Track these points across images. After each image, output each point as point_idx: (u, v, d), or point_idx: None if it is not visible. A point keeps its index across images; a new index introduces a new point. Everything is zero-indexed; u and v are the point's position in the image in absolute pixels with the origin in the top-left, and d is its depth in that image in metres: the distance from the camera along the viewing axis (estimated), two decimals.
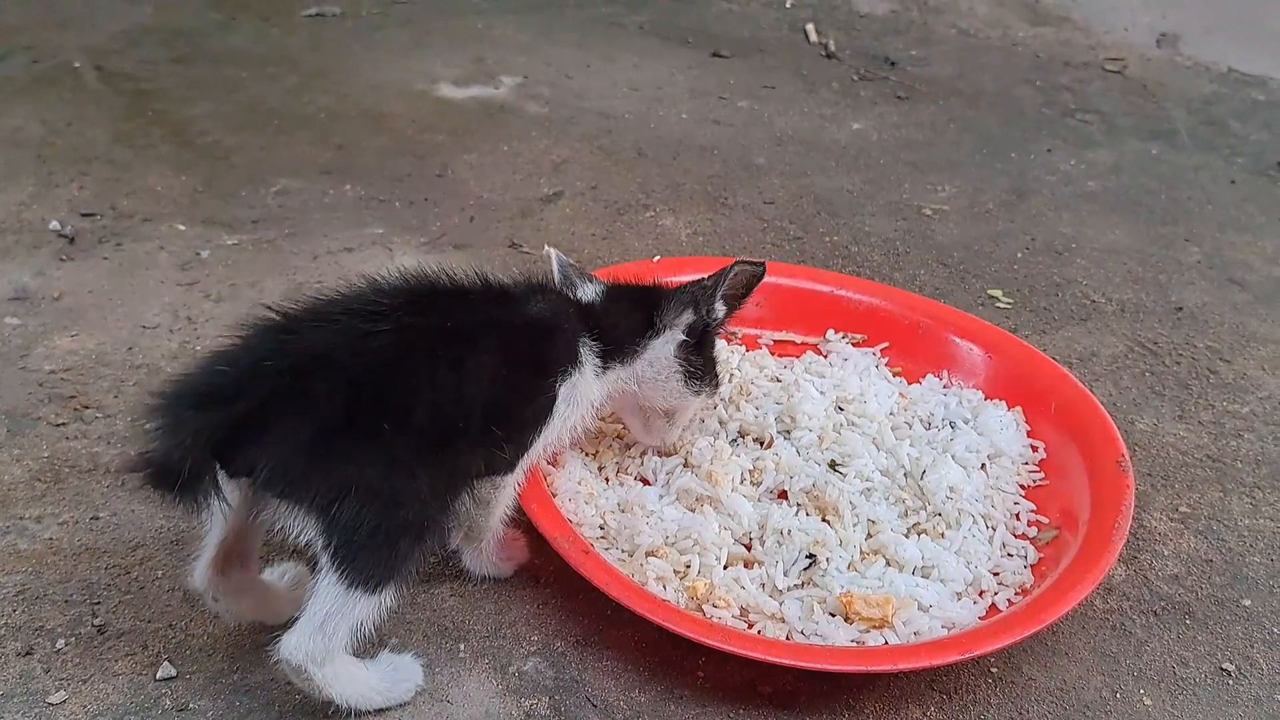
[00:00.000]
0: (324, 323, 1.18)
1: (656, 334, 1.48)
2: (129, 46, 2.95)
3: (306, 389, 1.12)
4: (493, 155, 2.58)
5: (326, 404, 1.12)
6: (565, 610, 1.42)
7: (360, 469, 1.13)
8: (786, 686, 1.34)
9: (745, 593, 1.41)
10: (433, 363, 1.19)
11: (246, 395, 1.10)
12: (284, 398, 1.11)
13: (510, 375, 1.27)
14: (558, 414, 1.36)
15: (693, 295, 1.50)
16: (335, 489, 1.12)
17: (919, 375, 1.84)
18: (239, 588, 1.28)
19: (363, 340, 1.16)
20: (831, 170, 2.69)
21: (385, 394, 1.16)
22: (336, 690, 1.20)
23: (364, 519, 1.13)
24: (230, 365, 1.14)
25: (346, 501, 1.12)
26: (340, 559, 1.14)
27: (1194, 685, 1.39)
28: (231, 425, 1.09)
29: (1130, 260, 2.38)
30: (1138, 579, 1.55)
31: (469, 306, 1.29)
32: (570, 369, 1.36)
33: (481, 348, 1.24)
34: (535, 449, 1.36)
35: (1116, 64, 3.53)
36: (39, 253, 2.04)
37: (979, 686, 1.37)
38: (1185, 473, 1.76)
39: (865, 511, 1.53)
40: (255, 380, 1.11)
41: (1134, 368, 2.02)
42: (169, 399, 1.12)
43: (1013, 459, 1.67)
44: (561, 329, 1.37)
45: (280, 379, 1.11)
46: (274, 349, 1.15)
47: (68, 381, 1.72)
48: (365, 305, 1.21)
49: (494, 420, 1.25)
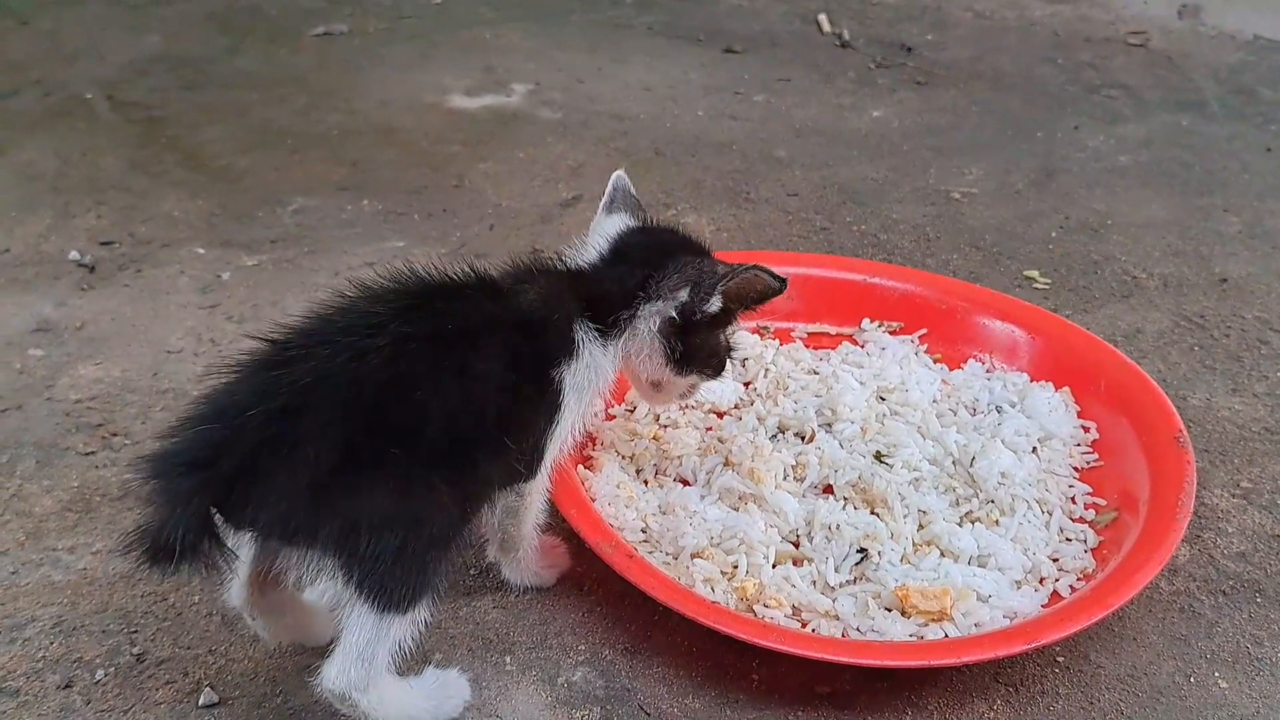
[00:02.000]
0: (315, 347, 1.11)
1: (647, 302, 1.33)
2: (138, 76, 2.94)
3: (298, 430, 1.05)
4: (508, 163, 2.55)
5: (323, 441, 1.05)
6: (611, 617, 1.38)
7: (372, 498, 1.08)
8: (845, 686, 1.29)
9: (796, 591, 1.36)
10: (435, 374, 1.13)
11: (234, 450, 1.04)
12: (274, 445, 1.05)
13: (510, 378, 1.20)
14: (568, 407, 1.28)
15: (696, 274, 1.34)
16: (347, 525, 1.07)
17: (960, 361, 1.79)
18: (277, 607, 1.24)
19: (359, 361, 1.09)
20: (854, 159, 2.65)
21: (388, 414, 1.10)
22: (383, 714, 1.16)
23: (385, 546, 1.08)
24: (216, 418, 1.08)
25: (361, 534, 1.07)
26: (367, 588, 1.09)
27: (1271, 665, 1.34)
28: (222, 486, 1.04)
29: (1169, 234, 2.32)
30: (1202, 558, 1.50)
31: (463, 306, 1.22)
32: (568, 359, 1.27)
33: (480, 352, 1.17)
34: (553, 449, 1.30)
35: (1139, 37, 3.47)
36: (59, 283, 2.02)
37: (1046, 677, 1.31)
38: (1243, 447, 1.70)
39: (915, 502, 1.48)
40: (242, 432, 1.05)
41: (1181, 342, 1.96)
42: (155, 466, 1.06)
43: (1064, 441, 1.62)
44: (553, 318, 1.27)
45: (268, 425, 1.05)
46: (261, 390, 1.08)
47: (94, 410, 1.69)
48: (359, 320, 1.14)
49: (504, 428, 1.19)
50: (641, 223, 1.41)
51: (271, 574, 1.17)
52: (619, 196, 1.44)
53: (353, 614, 1.11)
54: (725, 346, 1.42)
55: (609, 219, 1.42)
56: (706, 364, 1.41)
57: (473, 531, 1.26)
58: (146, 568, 1.04)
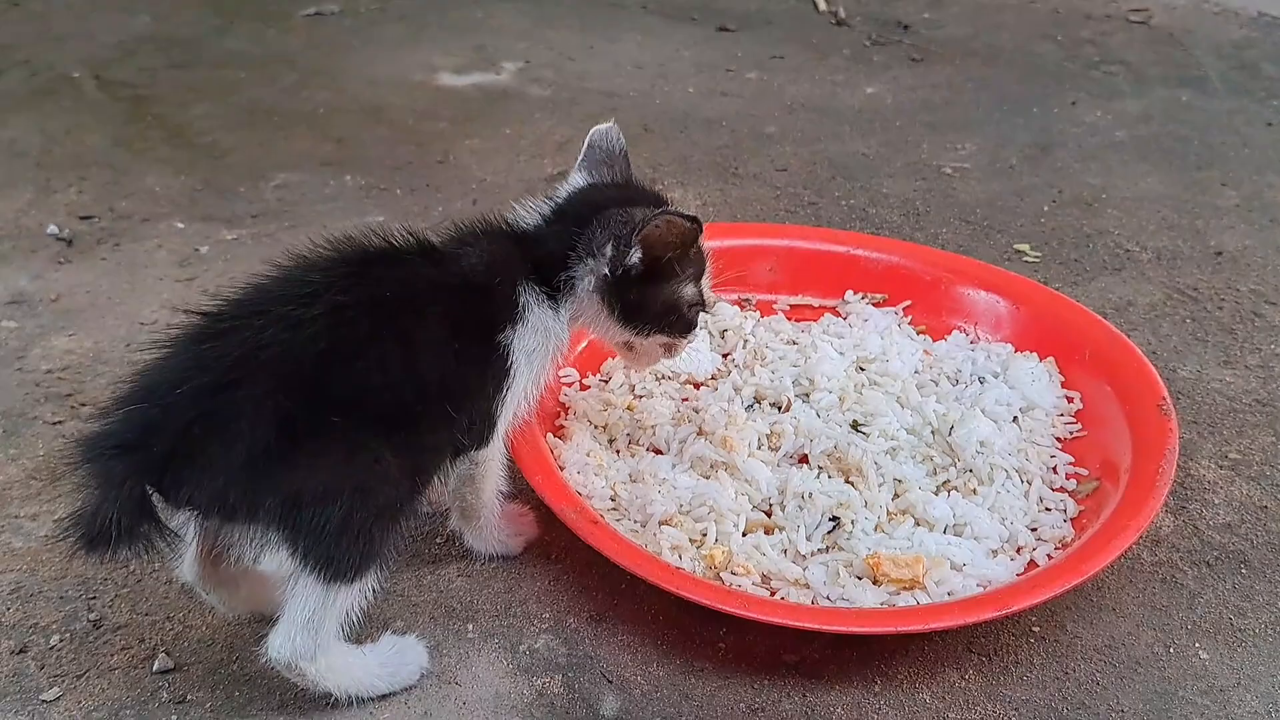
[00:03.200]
0: (248, 318, 1.08)
1: (580, 261, 1.27)
2: (127, 56, 2.92)
3: (232, 404, 1.02)
4: (495, 139, 2.53)
5: (258, 414, 1.02)
6: (578, 586, 1.35)
7: (313, 469, 1.05)
8: (813, 655, 1.26)
9: (766, 559, 1.34)
10: (373, 342, 1.10)
11: (166, 429, 1.01)
12: (208, 421, 1.02)
13: (454, 345, 1.16)
14: (518, 373, 1.24)
15: (618, 227, 1.26)
16: (288, 498, 1.04)
17: (944, 332, 1.76)
18: (230, 580, 1.21)
19: (294, 331, 1.06)
20: (845, 135, 2.61)
21: (326, 385, 1.07)
22: (333, 682, 1.14)
23: (329, 518, 1.05)
24: (147, 397, 1.05)
25: (304, 507, 1.05)
26: (312, 560, 1.07)
27: (1254, 636, 1.30)
28: (156, 466, 1.01)
29: (1164, 207, 2.28)
30: (1187, 529, 1.46)
31: (402, 272, 1.18)
32: (515, 323, 1.23)
33: (421, 318, 1.14)
34: (505, 416, 1.26)
35: (1140, 15, 3.41)
36: (36, 256, 2.00)
37: (1020, 647, 1.28)
38: (1234, 419, 1.67)
39: (891, 471, 1.45)
40: (174, 410, 1.02)
41: (1173, 315, 1.92)
42: (86, 449, 1.04)
43: (1047, 411, 1.59)
44: (495, 282, 1.22)
45: (200, 402, 1.02)
46: (192, 365, 1.05)
47: (65, 380, 1.67)
48: (294, 289, 1.11)
49: (449, 398, 1.16)
50: (603, 179, 1.36)
51: (218, 549, 1.15)
52: (594, 154, 1.39)
53: (298, 584, 1.09)
54: (687, 302, 1.35)
55: (575, 177, 1.38)
56: (665, 321, 1.34)
57: (423, 501, 1.23)
58: (84, 553, 1.02)
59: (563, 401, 1.61)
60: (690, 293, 1.35)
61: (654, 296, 1.31)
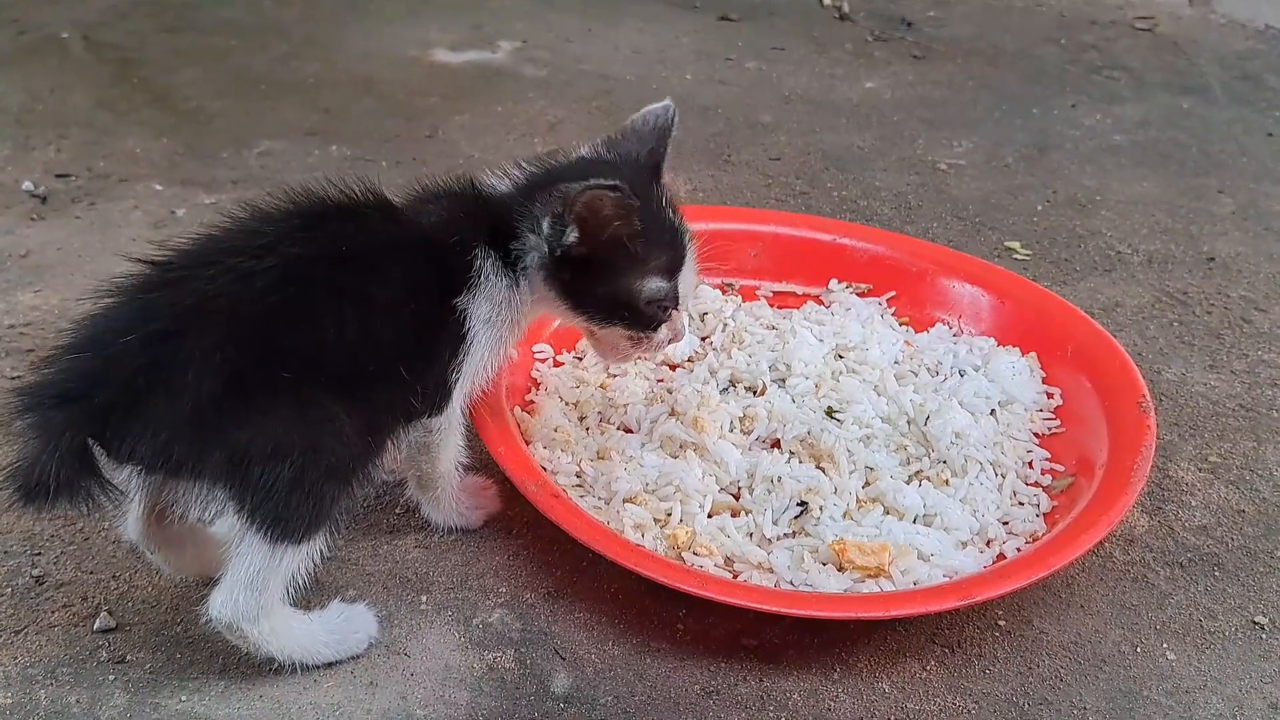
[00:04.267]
0: (199, 268, 1.05)
1: (527, 234, 1.21)
2: (118, 18, 2.89)
3: (178, 355, 0.99)
4: (486, 117, 2.49)
5: (205, 366, 0.99)
6: (537, 562, 1.33)
7: (262, 425, 1.02)
8: (774, 639, 1.23)
9: (730, 541, 1.31)
10: (325, 297, 1.07)
11: (109, 379, 0.98)
12: (152, 372, 0.99)
13: (409, 305, 1.13)
14: (476, 339, 1.19)
15: (557, 203, 1.18)
16: (235, 454, 1.01)
17: (928, 324, 1.73)
18: (175, 540, 1.18)
19: (245, 283, 1.03)
20: (842, 128, 2.58)
21: (277, 339, 1.04)
22: (276, 646, 1.12)
23: (278, 475, 1.02)
24: (90, 346, 1.02)
25: (252, 464, 1.01)
26: (259, 517, 1.04)
27: (1223, 639, 1.27)
28: (97, 418, 0.98)
29: (1158, 211, 2.25)
30: (1162, 530, 1.43)
31: (359, 227, 1.15)
32: (470, 289, 1.18)
33: (376, 276, 1.11)
34: (462, 384, 1.22)
35: (1146, 22, 3.38)
36: (9, 212, 1.97)
37: (985, 640, 1.25)
38: (1216, 422, 1.64)
39: (863, 459, 1.43)
40: (118, 360, 0.99)
41: (1161, 318, 1.89)
42: (26, 399, 1.00)
43: (1025, 406, 1.56)
44: (450, 241, 1.18)
45: (145, 351, 0.99)
46: (139, 315, 1.02)
47: (26, 336, 1.64)
48: (246, 241, 1.08)
49: (403, 359, 1.12)
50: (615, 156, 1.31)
51: (163, 506, 1.11)
52: (627, 130, 1.35)
53: (243, 542, 1.06)
54: (646, 296, 1.25)
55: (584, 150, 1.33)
56: (618, 313, 1.25)
57: (379, 466, 1.19)
58: (20, 506, 0.99)
59: (534, 377, 1.58)
60: (654, 287, 1.25)
61: (603, 282, 1.23)
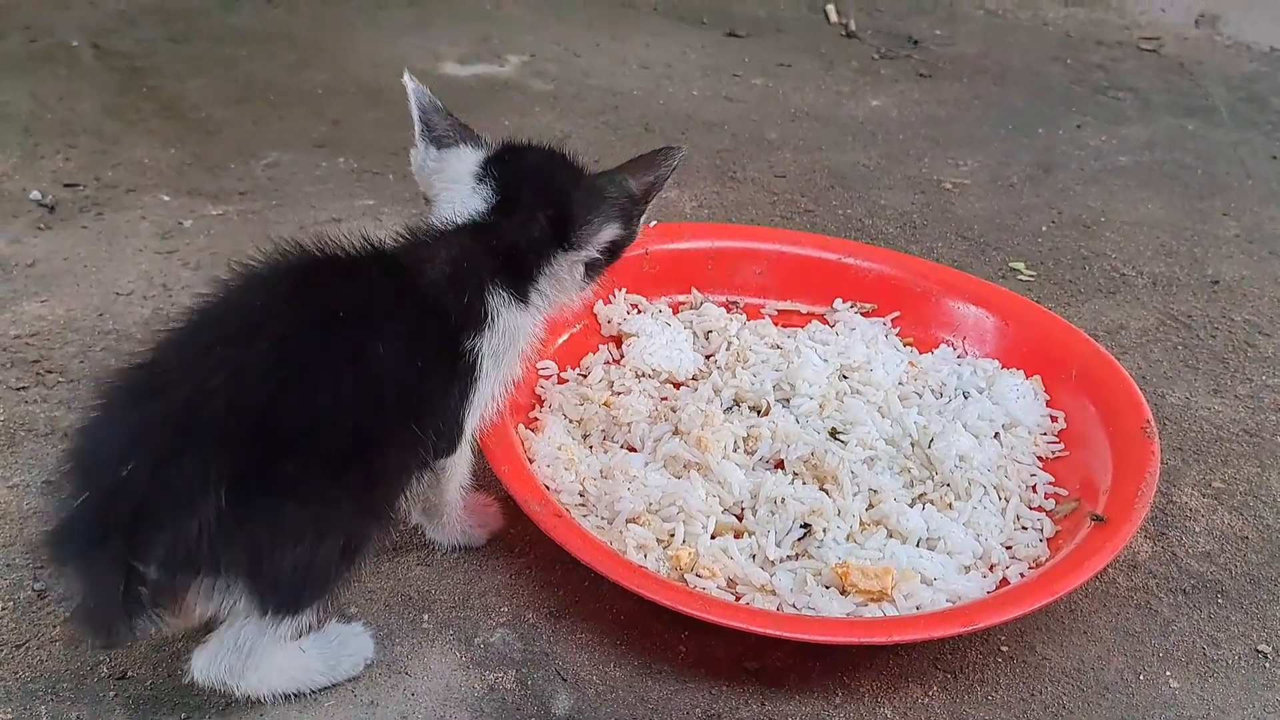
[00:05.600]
0: (189, 365, 1.00)
1: (566, 251, 1.21)
2: (127, 26, 2.89)
3: (180, 479, 0.95)
4: (493, 130, 2.39)
5: (205, 485, 0.95)
6: (540, 581, 1.32)
7: (269, 524, 0.99)
8: (776, 663, 1.23)
9: (733, 563, 1.31)
10: (327, 373, 1.02)
11: (123, 511, 0.95)
12: (160, 497, 0.95)
13: (416, 362, 1.09)
14: (485, 376, 1.17)
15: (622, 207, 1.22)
16: (249, 554, 0.99)
17: (932, 345, 1.73)
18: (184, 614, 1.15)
19: (238, 377, 0.98)
20: (847, 145, 2.58)
21: (279, 431, 0.99)
22: (268, 689, 1.10)
23: (287, 565, 1.00)
24: (95, 478, 0.98)
25: (263, 559, 1.00)
26: (265, 599, 1.03)
27: (1226, 667, 1.27)
28: (126, 551, 0.95)
29: (1163, 234, 2.25)
30: (1165, 556, 1.43)
31: (356, 287, 1.09)
32: (482, 330, 1.15)
33: (378, 337, 1.06)
34: (473, 420, 1.20)
35: (1152, 43, 3.39)
36: (16, 221, 1.97)
37: (988, 665, 1.25)
38: (1220, 447, 1.64)
39: (867, 481, 1.42)
40: (125, 490, 0.95)
41: (1165, 341, 1.89)
42: (56, 550, 0.99)
43: (1030, 429, 1.56)
44: (460, 288, 1.14)
45: (148, 478, 0.95)
46: (134, 436, 0.98)
47: (33, 346, 1.64)
48: (236, 320, 1.04)
49: (414, 417, 1.10)
50: (496, 147, 1.25)
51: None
52: (438, 121, 1.24)
53: (240, 611, 1.03)
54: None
55: (454, 153, 1.23)
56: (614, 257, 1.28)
57: (392, 531, 1.18)
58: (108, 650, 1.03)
59: (538, 394, 1.58)
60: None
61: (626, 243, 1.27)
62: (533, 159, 1.24)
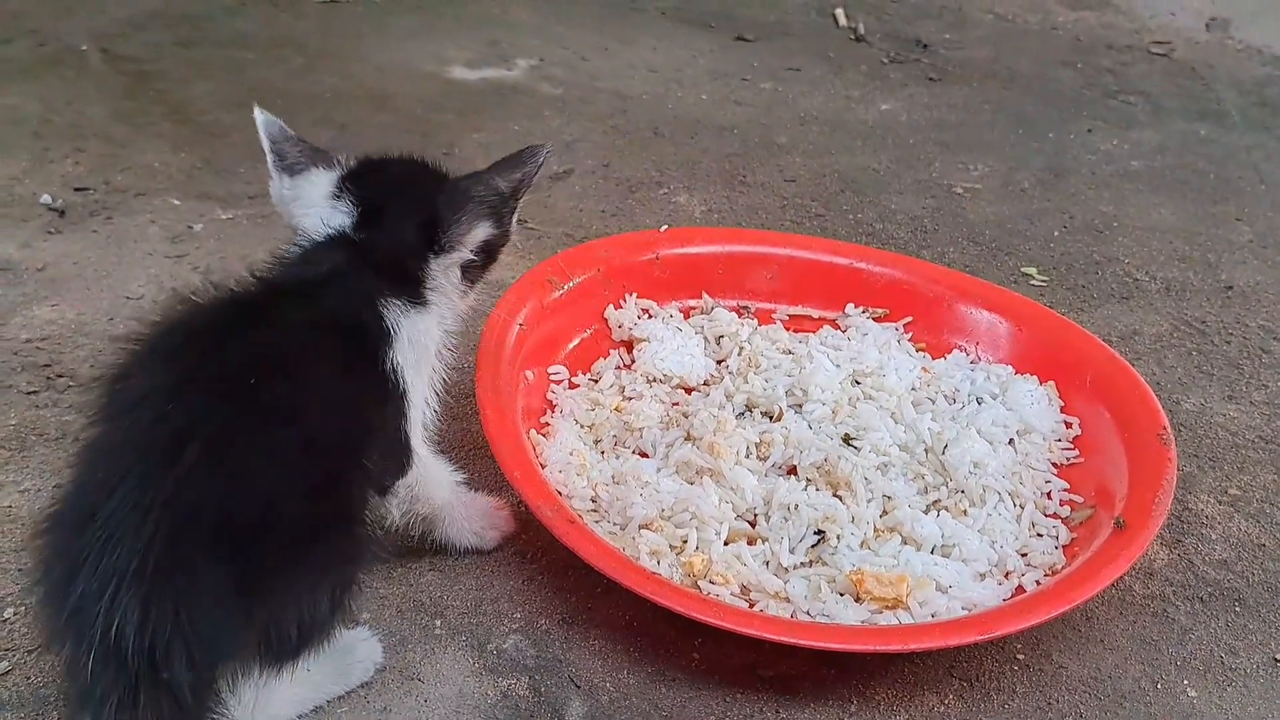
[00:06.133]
0: (106, 488, 0.92)
1: (438, 255, 1.19)
2: (135, 30, 2.89)
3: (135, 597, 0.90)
4: (502, 134, 2.49)
5: (164, 597, 0.91)
6: (552, 587, 1.32)
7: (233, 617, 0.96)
8: (790, 671, 1.22)
9: (747, 570, 1.30)
10: (258, 453, 0.97)
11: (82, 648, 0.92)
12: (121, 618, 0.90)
13: (345, 399, 1.07)
14: (411, 388, 1.15)
15: (491, 204, 1.20)
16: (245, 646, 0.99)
17: (944, 350, 1.72)
18: None
19: (157, 485, 0.91)
20: (857, 150, 2.57)
21: (227, 524, 0.93)
22: (270, 714, 1.08)
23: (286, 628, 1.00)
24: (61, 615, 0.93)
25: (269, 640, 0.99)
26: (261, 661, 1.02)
27: (1244, 676, 1.26)
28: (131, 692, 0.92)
29: (1176, 239, 2.24)
30: (1182, 563, 1.42)
31: (256, 342, 1.03)
32: (389, 344, 1.12)
33: (298, 391, 1.02)
34: (416, 431, 1.19)
35: (1162, 47, 3.38)
36: (26, 225, 1.97)
37: (1004, 674, 1.24)
38: (1235, 454, 1.63)
39: (880, 487, 1.42)
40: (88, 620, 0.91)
41: (1179, 347, 1.88)
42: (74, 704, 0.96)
43: (1044, 435, 1.55)
44: (357, 306, 1.11)
45: (109, 607, 0.90)
46: (77, 561, 0.92)
47: (43, 350, 1.64)
48: (145, 416, 0.96)
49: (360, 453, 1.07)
50: (353, 164, 1.21)
51: None
52: (289, 149, 1.21)
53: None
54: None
55: (307, 178, 1.19)
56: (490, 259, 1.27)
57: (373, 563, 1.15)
58: None
59: (549, 399, 1.58)
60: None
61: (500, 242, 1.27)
62: (392, 170, 1.23)
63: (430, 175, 1.24)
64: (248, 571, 0.95)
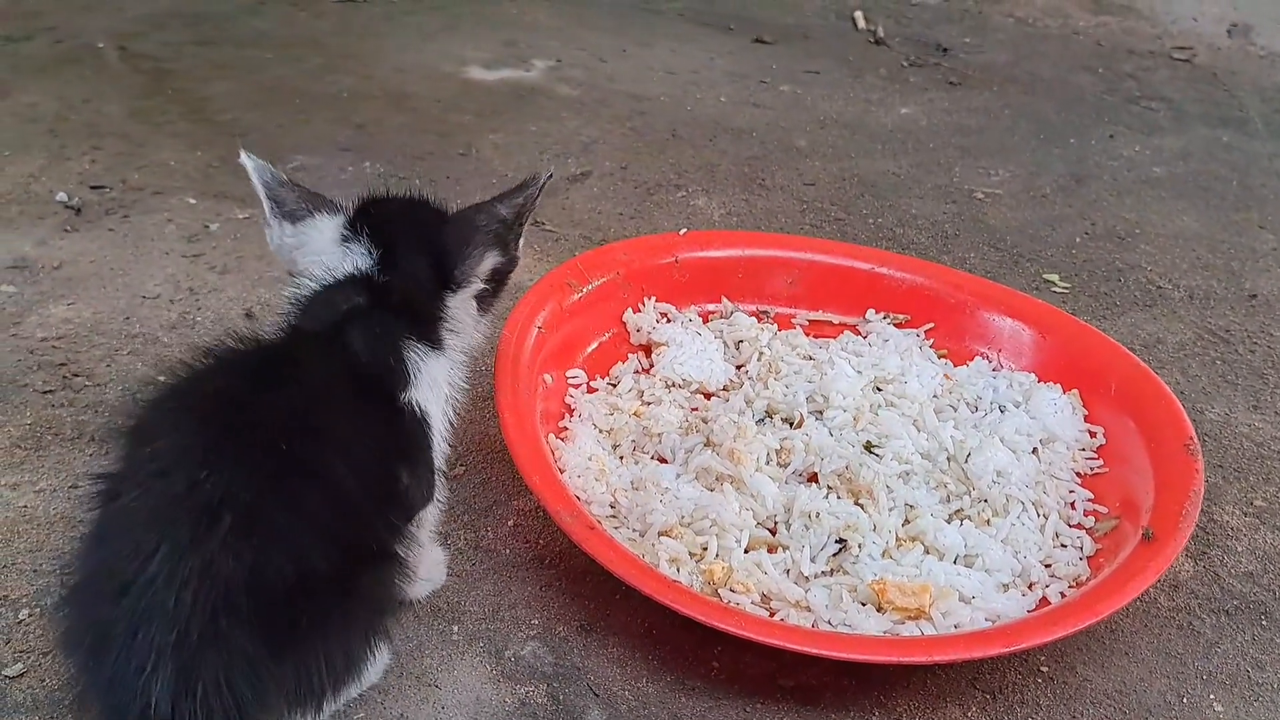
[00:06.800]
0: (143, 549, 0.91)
1: (455, 293, 1.19)
2: (153, 29, 2.89)
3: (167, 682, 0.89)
4: (520, 135, 2.48)
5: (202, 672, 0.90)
6: (570, 593, 1.30)
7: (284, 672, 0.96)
8: (811, 681, 1.21)
9: (768, 578, 1.28)
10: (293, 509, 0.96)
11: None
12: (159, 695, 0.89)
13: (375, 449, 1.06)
14: (433, 422, 1.15)
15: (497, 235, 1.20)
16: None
17: (966, 357, 1.70)
18: None
19: (194, 556, 0.90)
20: (877, 154, 2.56)
21: (258, 596, 0.92)
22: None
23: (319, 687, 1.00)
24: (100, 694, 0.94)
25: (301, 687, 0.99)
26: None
27: (1272, 691, 1.24)
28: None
29: (1199, 246, 2.22)
30: (1207, 576, 1.40)
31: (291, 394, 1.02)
32: (412, 386, 1.12)
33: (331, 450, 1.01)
34: (439, 461, 1.18)
35: (1184, 53, 3.36)
36: (43, 223, 1.96)
37: (1027, 686, 1.22)
38: (1261, 465, 1.61)
39: (902, 495, 1.40)
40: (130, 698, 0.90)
41: (1203, 355, 1.86)
42: None
43: (1068, 444, 1.53)
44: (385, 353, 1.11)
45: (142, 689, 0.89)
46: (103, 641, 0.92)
47: (59, 349, 1.63)
48: (176, 490, 0.93)
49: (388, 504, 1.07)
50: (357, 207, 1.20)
51: None
52: (286, 195, 1.20)
53: None
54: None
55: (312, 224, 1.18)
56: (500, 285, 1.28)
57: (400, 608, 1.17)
58: None
59: (568, 403, 1.56)
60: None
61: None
62: (395, 210, 1.22)
63: (433, 212, 1.23)
64: (281, 634, 0.95)
